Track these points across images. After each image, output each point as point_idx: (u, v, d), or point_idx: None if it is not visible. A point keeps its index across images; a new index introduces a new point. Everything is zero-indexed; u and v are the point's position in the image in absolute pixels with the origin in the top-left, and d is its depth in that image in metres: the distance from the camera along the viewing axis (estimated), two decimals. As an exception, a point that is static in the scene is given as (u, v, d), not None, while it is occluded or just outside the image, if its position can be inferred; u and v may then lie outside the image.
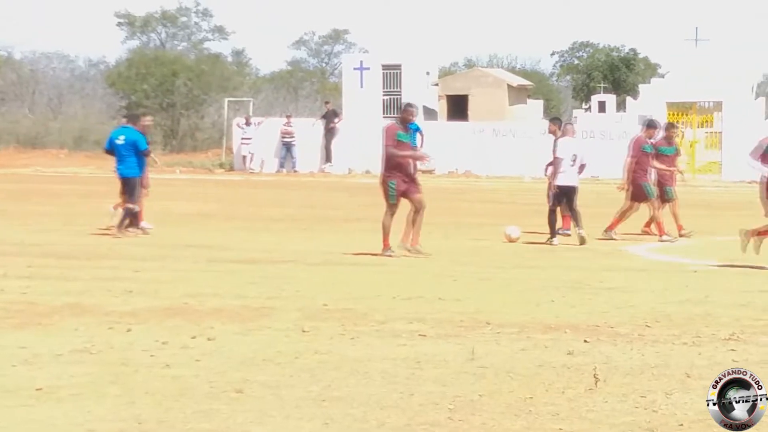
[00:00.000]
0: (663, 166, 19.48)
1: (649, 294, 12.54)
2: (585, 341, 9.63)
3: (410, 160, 16.17)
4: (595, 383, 7.98)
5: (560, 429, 6.99)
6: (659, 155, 19.47)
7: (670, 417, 7.28)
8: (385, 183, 16.11)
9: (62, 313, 10.89)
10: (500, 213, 24.13)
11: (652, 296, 12.36)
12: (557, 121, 19.70)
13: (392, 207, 16.08)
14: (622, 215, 19.23)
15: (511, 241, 18.07)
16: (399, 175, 16.01)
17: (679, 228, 19.59)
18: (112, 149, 19.33)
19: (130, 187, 19.02)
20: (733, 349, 9.36)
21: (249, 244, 17.74)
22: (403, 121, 16.29)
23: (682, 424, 7.10)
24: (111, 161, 20.13)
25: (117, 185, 19.32)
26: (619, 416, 7.27)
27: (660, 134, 19.67)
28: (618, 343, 9.58)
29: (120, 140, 19.19)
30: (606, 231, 18.98)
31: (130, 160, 19.10)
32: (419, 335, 9.86)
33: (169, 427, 6.98)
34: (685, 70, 39.26)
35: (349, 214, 24.27)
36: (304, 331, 9.97)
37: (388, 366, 8.60)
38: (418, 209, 16.07)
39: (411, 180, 16.12)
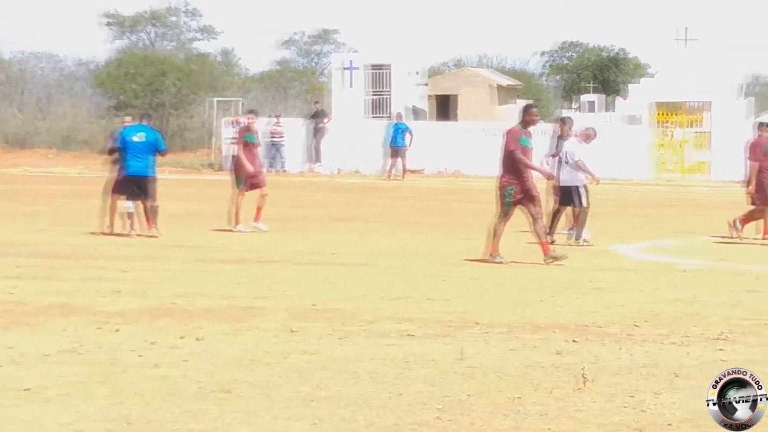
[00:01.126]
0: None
1: (638, 294, 12.55)
2: (574, 341, 9.64)
3: (530, 171, 15.45)
4: (584, 383, 7.99)
5: (549, 429, 6.99)
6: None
7: (658, 417, 7.29)
8: (503, 188, 15.37)
9: (50, 313, 10.87)
10: (489, 213, 24.05)
11: (641, 296, 12.38)
12: (569, 120, 19.53)
13: (506, 213, 15.44)
14: (753, 217, 18.97)
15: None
16: (518, 183, 15.27)
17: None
18: (123, 147, 18.61)
19: (150, 187, 18.63)
20: (721, 349, 9.38)
21: (238, 244, 17.71)
22: (527, 124, 15.48)
23: (670, 424, 7.11)
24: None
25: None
26: (608, 416, 7.28)
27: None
28: (607, 343, 9.59)
29: (138, 137, 18.56)
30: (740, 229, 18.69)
31: (150, 159, 18.67)
32: (408, 335, 9.85)
33: (158, 427, 6.97)
34: (674, 70, 39.29)
35: (338, 213, 24.26)
36: (292, 331, 9.96)
37: (377, 366, 8.60)
38: (536, 218, 15.34)
39: (527, 190, 15.30)
